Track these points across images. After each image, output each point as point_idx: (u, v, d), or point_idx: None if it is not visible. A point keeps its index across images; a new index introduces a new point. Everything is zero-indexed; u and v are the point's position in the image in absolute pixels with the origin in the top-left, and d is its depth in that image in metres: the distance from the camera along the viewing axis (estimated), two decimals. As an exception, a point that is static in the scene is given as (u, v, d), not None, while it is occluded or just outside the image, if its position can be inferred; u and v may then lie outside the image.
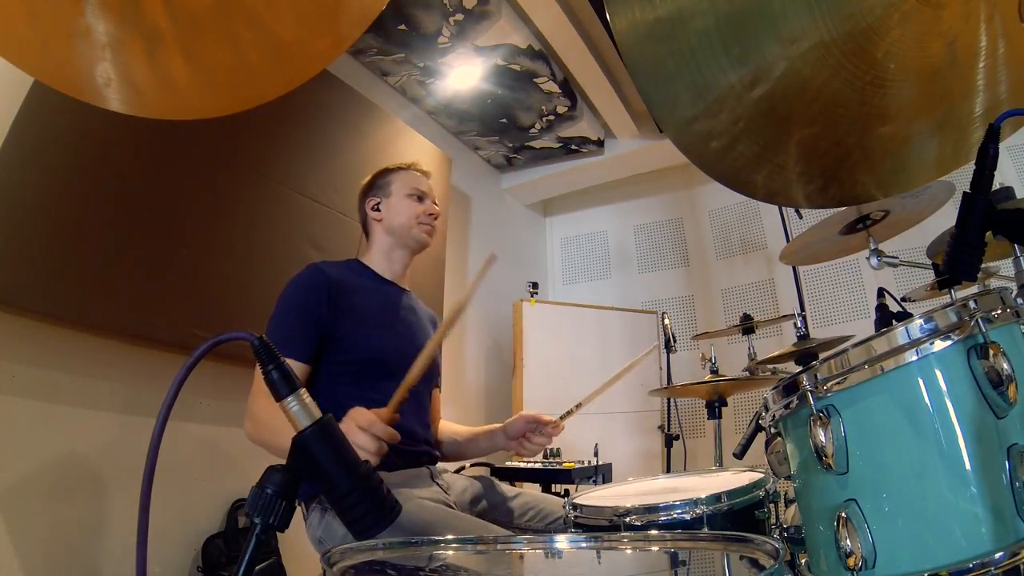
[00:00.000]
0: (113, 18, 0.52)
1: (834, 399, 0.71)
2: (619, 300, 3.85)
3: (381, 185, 1.52)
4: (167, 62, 0.55)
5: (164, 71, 0.56)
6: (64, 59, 0.55)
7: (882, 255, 1.43)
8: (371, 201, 1.52)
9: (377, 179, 1.54)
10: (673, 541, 0.72)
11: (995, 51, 0.85)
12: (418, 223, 1.48)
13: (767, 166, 0.96)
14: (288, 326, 1.25)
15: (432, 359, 1.03)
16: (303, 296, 1.28)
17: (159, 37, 0.53)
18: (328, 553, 0.60)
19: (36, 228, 1.57)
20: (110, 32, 0.53)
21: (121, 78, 0.57)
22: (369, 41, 2.72)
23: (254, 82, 0.59)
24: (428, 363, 1.01)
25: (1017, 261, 0.76)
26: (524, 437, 1.39)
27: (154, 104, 0.61)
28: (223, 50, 0.56)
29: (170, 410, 0.51)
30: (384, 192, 1.51)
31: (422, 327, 1.50)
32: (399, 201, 1.49)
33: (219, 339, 0.54)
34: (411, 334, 1.44)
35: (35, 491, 1.57)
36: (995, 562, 0.61)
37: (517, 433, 1.40)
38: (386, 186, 1.51)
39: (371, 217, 1.51)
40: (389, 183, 1.52)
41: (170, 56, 0.55)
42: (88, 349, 1.71)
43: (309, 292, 1.28)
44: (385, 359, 1.32)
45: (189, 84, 0.58)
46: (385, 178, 1.53)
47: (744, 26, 0.82)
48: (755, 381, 2.11)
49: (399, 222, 1.47)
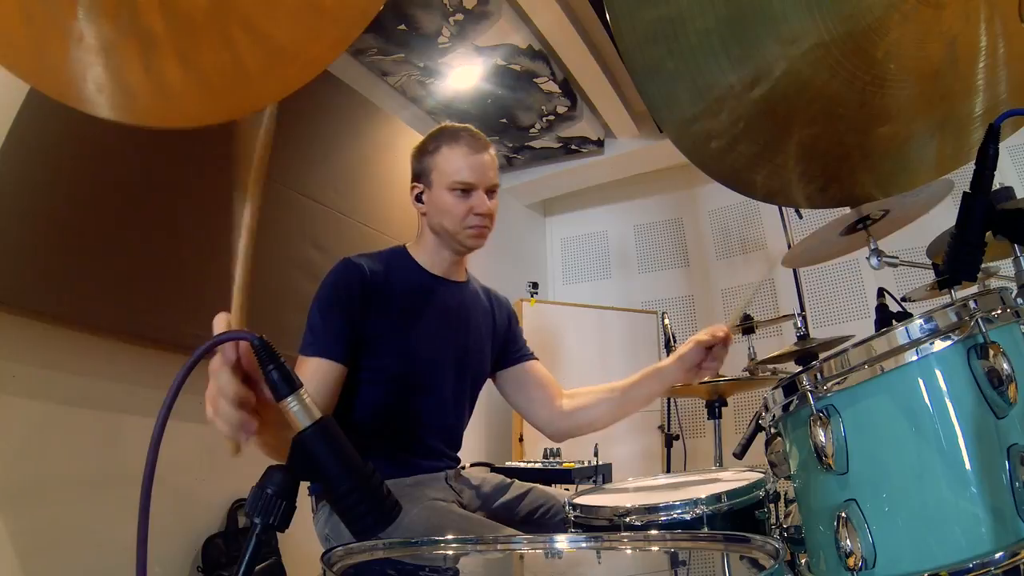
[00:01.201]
0: (107, 22, 0.52)
1: (834, 399, 0.71)
2: (619, 300, 3.85)
3: (423, 170, 1.27)
4: (162, 68, 0.55)
5: (159, 77, 0.55)
6: (58, 65, 0.55)
7: (882, 255, 1.43)
8: (415, 189, 1.29)
9: (422, 156, 1.28)
10: (673, 541, 0.72)
11: (995, 51, 0.85)
12: (464, 227, 1.23)
13: (767, 166, 0.96)
14: (319, 324, 1.14)
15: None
16: (334, 293, 1.17)
17: (154, 42, 0.53)
18: (328, 553, 0.60)
19: (36, 228, 1.57)
20: (104, 37, 0.53)
21: (115, 84, 0.56)
22: (369, 41, 2.72)
23: (251, 87, 0.58)
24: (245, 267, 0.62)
25: (1017, 261, 0.76)
26: (706, 359, 1.21)
27: (150, 111, 0.61)
28: (219, 54, 0.55)
29: (170, 410, 0.51)
30: (426, 179, 1.26)
31: (475, 326, 1.33)
32: (440, 195, 1.23)
33: (219, 339, 0.54)
34: (457, 337, 1.28)
35: (35, 491, 1.57)
36: (995, 562, 0.61)
37: (696, 361, 1.21)
38: (427, 172, 1.26)
39: (417, 209, 1.30)
40: (430, 168, 1.25)
41: (165, 61, 0.54)
42: (88, 349, 1.71)
43: (340, 289, 1.17)
44: (419, 368, 1.22)
45: (185, 90, 0.57)
46: (428, 158, 1.26)
47: (744, 26, 0.82)
48: (755, 381, 2.10)
49: (441, 223, 1.24)
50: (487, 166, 1.24)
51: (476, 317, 1.34)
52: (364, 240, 2.54)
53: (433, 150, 1.25)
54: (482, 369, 1.36)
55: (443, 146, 1.24)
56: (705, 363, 1.21)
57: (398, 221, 2.70)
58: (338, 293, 1.16)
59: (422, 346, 1.22)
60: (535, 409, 1.38)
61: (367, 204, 2.64)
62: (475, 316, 1.33)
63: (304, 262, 2.24)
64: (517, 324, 1.46)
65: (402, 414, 1.22)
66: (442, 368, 1.25)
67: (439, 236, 1.26)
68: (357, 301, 1.16)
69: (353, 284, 1.17)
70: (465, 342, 1.30)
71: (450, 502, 1.17)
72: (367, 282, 1.18)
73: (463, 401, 1.33)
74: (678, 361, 1.22)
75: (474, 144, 1.24)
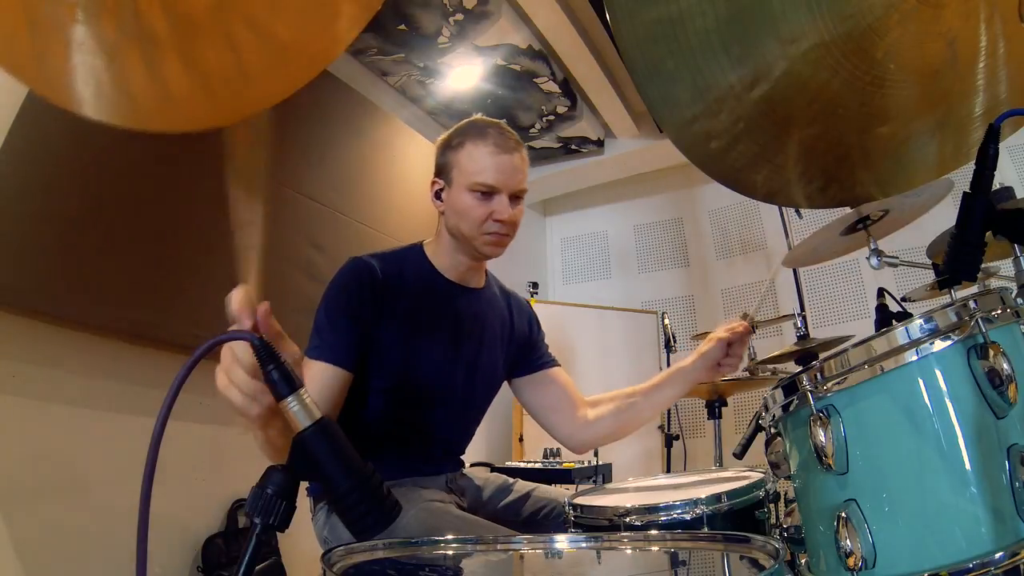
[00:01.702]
0: (109, 25, 0.52)
1: (834, 399, 0.71)
2: (619, 300, 3.85)
3: (445, 165, 1.17)
4: (165, 70, 0.54)
5: (162, 80, 0.55)
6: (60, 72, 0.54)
7: (882, 255, 1.43)
8: (435, 185, 1.20)
9: (445, 150, 1.18)
10: (673, 541, 0.72)
11: (995, 51, 0.85)
12: (481, 232, 1.14)
13: (767, 166, 0.96)
14: (327, 327, 1.08)
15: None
16: (343, 295, 1.10)
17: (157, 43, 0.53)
18: (328, 553, 0.60)
19: (36, 228, 1.57)
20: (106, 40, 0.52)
21: (117, 89, 0.56)
22: (369, 41, 2.72)
23: (253, 88, 0.58)
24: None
25: (1017, 261, 0.76)
26: (726, 357, 1.20)
27: (153, 116, 0.61)
28: (222, 54, 0.55)
29: (170, 410, 0.51)
30: (447, 175, 1.17)
31: (490, 337, 1.26)
32: (459, 195, 1.14)
33: (219, 339, 0.54)
34: (470, 349, 1.22)
35: (35, 491, 1.57)
36: (995, 562, 0.61)
37: (718, 358, 1.19)
38: (448, 168, 1.16)
39: (435, 206, 1.21)
40: (452, 165, 1.15)
41: (168, 63, 0.54)
42: (88, 349, 1.71)
43: (349, 291, 1.10)
44: (428, 381, 1.17)
45: (188, 93, 0.57)
46: (451, 153, 1.16)
47: (744, 26, 0.82)
48: (755, 381, 2.11)
49: (458, 226, 1.16)
50: (515, 168, 1.13)
51: (492, 326, 1.28)
52: (363, 240, 2.53)
53: (457, 145, 1.15)
54: (494, 381, 1.32)
55: (468, 142, 1.14)
56: (725, 360, 1.20)
57: (397, 221, 2.70)
58: (348, 295, 1.10)
59: (432, 358, 1.17)
60: (556, 420, 1.32)
61: (367, 204, 2.64)
62: (491, 325, 1.27)
63: (303, 262, 2.24)
64: (539, 330, 1.41)
65: (408, 424, 1.19)
66: (452, 381, 1.22)
67: (456, 239, 1.18)
68: (368, 304, 1.10)
69: (364, 286, 1.10)
70: (477, 355, 1.24)
71: (448, 503, 1.16)
72: (377, 284, 1.11)
73: (472, 413, 1.30)
74: (700, 359, 1.19)
75: (502, 143, 1.13)
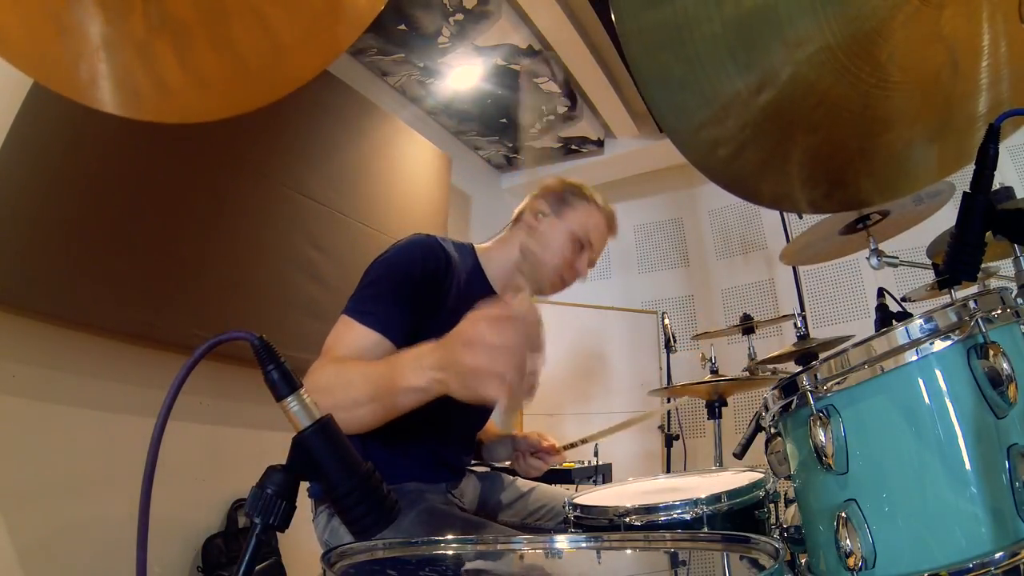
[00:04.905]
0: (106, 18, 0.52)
1: (834, 399, 0.71)
2: (619, 300, 3.85)
3: (562, 199, 1.26)
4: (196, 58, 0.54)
5: (194, 69, 0.55)
6: (58, 58, 0.54)
7: (882, 255, 1.43)
8: (540, 204, 1.27)
9: (567, 191, 1.28)
10: (673, 541, 0.72)
11: (997, 51, 0.85)
12: (555, 271, 1.23)
13: (772, 172, 0.96)
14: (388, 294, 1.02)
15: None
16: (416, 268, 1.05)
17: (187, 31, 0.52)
18: (328, 553, 0.60)
19: (36, 228, 1.57)
20: (103, 33, 0.52)
21: (116, 80, 0.56)
22: (369, 41, 2.72)
23: (289, 62, 0.58)
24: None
25: (1017, 261, 0.76)
26: (526, 455, 1.32)
27: (150, 107, 0.60)
28: (253, 33, 0.55)
29: (170, 410, 0.51)
30: (557, 210, 1.25)
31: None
32: (559, 234, 1.23)
33: (219, 339, 0.54)
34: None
35: (35, 491, 1.57)
36: (995, 562, 0.61)
37: (524, 448, 1.31)
38: (564, 206, 1.26)
39: (526, 220, 1.27)
40: (569, 206, 1.26)
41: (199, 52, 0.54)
42: (88, 349, 1.71)
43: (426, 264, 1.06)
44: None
45: (225, 77, 0.56)
46: (575, 199, 1.27)
47: (750, 30, 0.82)
48: (755, 381, 2.11)
49: (540, 253, 1.22)
50: (605, 246, 1.32)
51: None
52: (364, 240, 2.53)
53: (582, 197, 1.28)
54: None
55: (592, 204, 1.28)
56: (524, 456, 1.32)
57: (397, 221, 2.70)
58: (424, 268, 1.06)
59: None
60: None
61: (367, 204, 2.64)
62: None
63: (303, 262, 2.24)
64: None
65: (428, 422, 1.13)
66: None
67: (526, 261, 1.22)
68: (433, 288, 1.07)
69: (440, 266, 1.09)
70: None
71: (450, 505, 1.16)
72: (441, 270, 1.09)
73: (483, 421, 1.34)
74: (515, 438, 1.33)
75: (612, 226, 1.32)
